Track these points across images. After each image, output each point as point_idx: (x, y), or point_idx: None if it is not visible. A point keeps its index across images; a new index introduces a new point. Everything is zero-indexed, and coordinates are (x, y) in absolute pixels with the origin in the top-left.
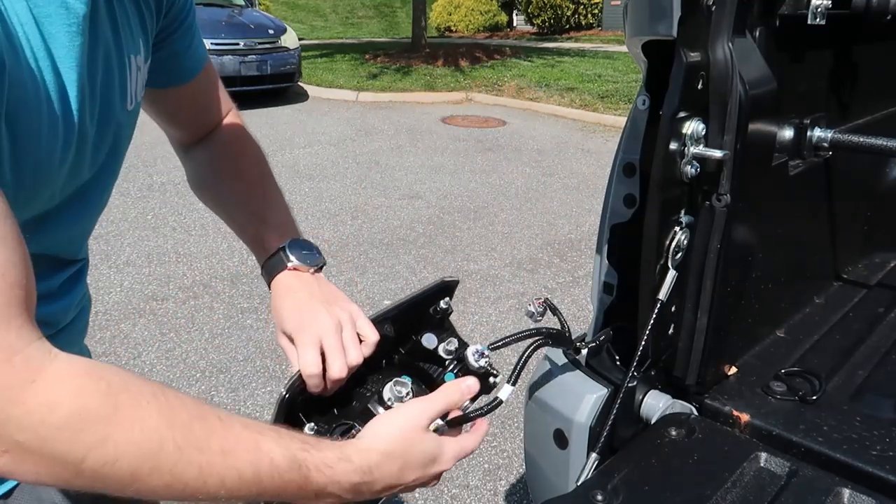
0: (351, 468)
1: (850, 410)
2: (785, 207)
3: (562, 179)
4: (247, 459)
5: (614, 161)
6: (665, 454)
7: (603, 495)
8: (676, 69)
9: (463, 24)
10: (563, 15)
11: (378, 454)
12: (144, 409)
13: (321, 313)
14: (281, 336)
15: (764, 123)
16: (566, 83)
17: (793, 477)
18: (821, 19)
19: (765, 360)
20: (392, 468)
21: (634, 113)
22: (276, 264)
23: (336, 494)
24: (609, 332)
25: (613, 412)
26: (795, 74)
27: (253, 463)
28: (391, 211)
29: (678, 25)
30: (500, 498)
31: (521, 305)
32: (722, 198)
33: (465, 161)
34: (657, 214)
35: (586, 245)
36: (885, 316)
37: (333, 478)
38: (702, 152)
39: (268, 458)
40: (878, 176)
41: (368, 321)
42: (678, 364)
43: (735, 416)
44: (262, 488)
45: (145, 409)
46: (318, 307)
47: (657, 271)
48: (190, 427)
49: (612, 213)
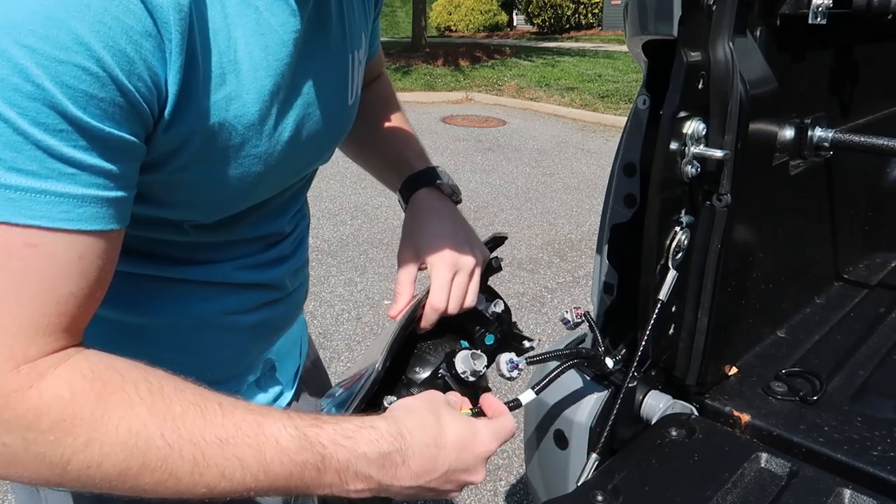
0: (376, 435)
1: (851, 411)
2: (785, 207)
3: (562, 179)
4: (248, 445)
5: (614, 161)
6: (665, 454)
7: (603, 496)
8: (677, 69)
9: (463, 24)
10: (564, 14)
11: (411, 416)
12: (136, 408)
13: (465, 249)
14: (409, 257)
15: (765, 123)
16: (566, 83)
17: (793, 477)
18: (822, 19)
19: (765, 361)
20: (427, 436)
21: (635, 112)
22: (423, 178)
23: (364, 473)
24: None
25: (614, 412)
26: (796, 74)
27: (256, 448)
28: (391, 211)
29: (679, 25)
30: (500, 498)
31: (521, 305)
32: (722, 198)
33: (465, 161)
34: (657, 214)
35: (586, 245)
36: (886, 316)
37: (355, 449)
38: (702, 152)
39: (273, 441)
40: (879, 176)
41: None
42: (678, 364)
43: (736, 416)
44: (274, 475)
45: (137, 406)
46: (463, 243)
47: (657, 271)
48: (183, 419)
49: (612, 212)
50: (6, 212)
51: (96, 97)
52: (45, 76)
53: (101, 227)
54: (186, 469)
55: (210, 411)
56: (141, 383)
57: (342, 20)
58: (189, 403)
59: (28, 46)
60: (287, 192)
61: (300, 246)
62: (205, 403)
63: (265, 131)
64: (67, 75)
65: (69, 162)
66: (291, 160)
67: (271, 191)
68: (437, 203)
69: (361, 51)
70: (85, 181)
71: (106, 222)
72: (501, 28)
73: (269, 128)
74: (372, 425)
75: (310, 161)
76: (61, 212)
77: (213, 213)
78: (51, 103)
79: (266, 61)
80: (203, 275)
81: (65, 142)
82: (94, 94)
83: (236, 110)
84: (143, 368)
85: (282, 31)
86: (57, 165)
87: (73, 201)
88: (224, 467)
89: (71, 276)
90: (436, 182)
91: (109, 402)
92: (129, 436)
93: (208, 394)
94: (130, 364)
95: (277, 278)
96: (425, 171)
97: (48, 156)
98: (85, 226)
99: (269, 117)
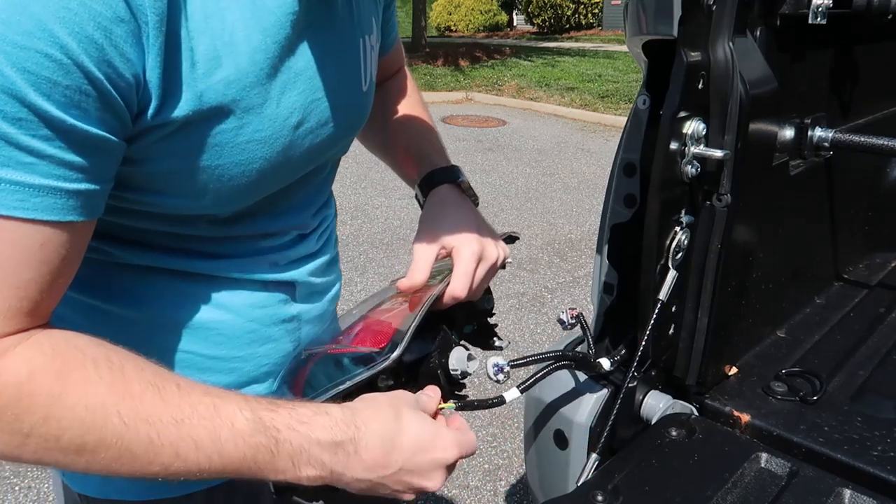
0: (330, 422)
1: (851, 411)
2: (785, 207)
3: (562, 179)
4: (203, 426)
5: (614, 161)
6: (665, 454)
7: (603, 496)
8: (677, 69)
9: (463, 24)
10: (564, 14)
11: (369, 409)
12: (94, 385)
13: (489, 242)
14: (430, 240)
15: (765, 123)
16: (566, 83)
17: (793, 477)
18: (822, 19)
19: (765, 361)
20: (383, 430)
21: (635, 112)
22: (446, 174)
23: (318, 459)
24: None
25: (614, 412)
26: (796, 74)
27: (210, 430)
28: (391, 211)
29: (679, 25)
30: (500, 498)
31: (521, 305)
32: (722, 198)
33: (466, 161)
34: (657, 214)
35: (586, 245)
36: (886, 316)
37: (309, 435)
38: (702, 152)
39: (228, 424)
40: (879, 176)
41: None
42: (678, 364)
43: (736, 416)
44: (227, 457)
45: (95, 384)
46: (487, 235)
47: (657, 271)
48: (141, 398)
49: (612, 213)
50: None
51: (60, 84)
52: (5, 62)
53: (60, 218)
54: (142, 447)
55: (168, 391)
56: (101, 361)
57: (349, 4)
58: (148, 383)
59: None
60: (307, 184)
61: (328, 241)
62: (163, 384)
63: (267, 115)
64: (29, 62)
65: (27, 150)
66: (301, 147)
67: (285, 179)
68: (460, 199)
69: (373, 36)
70: (44, 171)
71: (66, 213)
72: (501, 28)
73: (272, 111)
74: (327, 412)
75: (323, 149)
76: (16, 200)
77: (225, 205)
78: (10, 90)
79: (264, 43)
80: (227, 270)
81: (23, 130)
82: (58, 81)
83: (235, 94)
84: (107, 346)
85: (279, 12)
86: (14, 153)
87: (30, 190)
88: (179, 447)
89: (31, 263)
90: (457, 180)
91: (69, 380)
92: (87, 412)
93: (167, 374)
94: (93, 342)
95: (306, 274)
96: (448, 168)
97: (5, 143)
98: (42, 216)
99: (271, 100)
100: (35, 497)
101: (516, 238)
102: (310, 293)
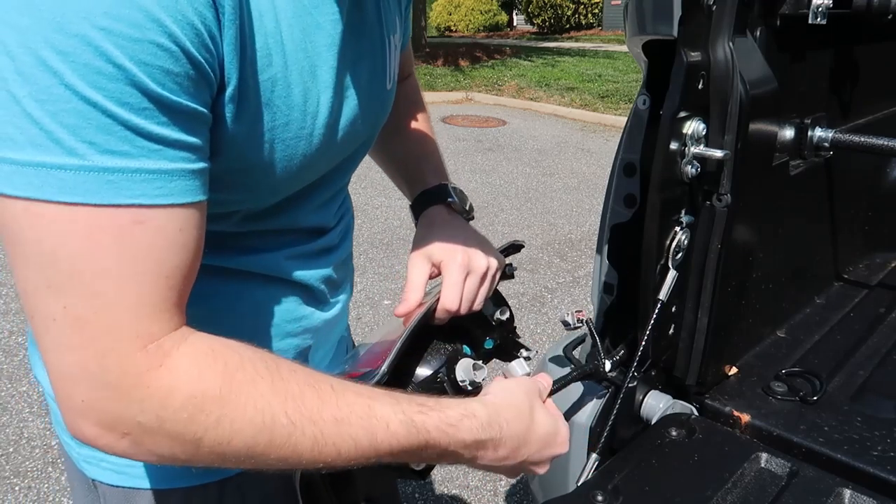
0: (476, 424)
1: (851, 411)
2: (785, 207)
3: (562, 179)
4: (361, 426)
5: (614, 161)
6: (665, 455)
7: (603, 496)
8: (677, 69)
9: (463, 24)
10: (564, 14)
11: (509, 405)
12: (258, 386)
13: (477, 253)
14: (421, 260)
15: (765, 123)
16: (566, 83)
17: (793, 477)
18: (822, 19)
19: (765, 361)
20: (520, 429)
21: (635, 112)
22: (435, 196)
23: (458, 456)
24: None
25: (614, 412)
26: (796, 74)
27: (368, 430)
28: (391, 211)
29: (679, 25)
30: (500, 498)
31: (521, 305)
32: (722, 198)
33: (466, 161)
34: (657, 214)
35: (586, 245)
36: (886, 316)
37: (456, 436)
38: (702, 152)
39: (384, 425)
40: (879, 176)
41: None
42: (678, 364)
43: (736, 416)
44: (381, 454)
45: (259, 385)
46: (474, 247)
47: (657, 271)
48: (302, 398)
49: (612, 213)
50: (110, 195)
51: (172, 72)
52: (123, 56)
53: (192, 199)
54: (307, 446)
55: (324, 392)
56: (259, 363)
57: (377, 4)
58: (304, 384)
59: (105, 28)
60: (330, 184)
61: (345, 238)
62: (318, 384)
63: (308, 112)
64: (144, 53)
65: (155, 139)
66: (333, 142)
67: (316, 173)
68: (449, 218)
69: (397, 36)
70: (172, 156)
71: (195, 194)
72: (501, 28)
73: (312, 108)
74: (474, 414)
75: (349, 144)
76: (156, 188)
77: (265, 197)
78: (132, 82)
79: (304, 43)
80: (252, 265)
81: (149, 119)
82: (170, 69)
83: (281, 91)
84: (255, 349)
85: (316, 13)
86: (145, 143)
87: (165, 177)
88: (340, 446)
89: (175, 249)
90: (447, 200)
91: (234, 381)
92: (256, 413)
93: (319, 375)
94: (243, 345)
95: (325, 269)
96: (437, 188)
97: (136, 135)
98: (179, 199)
99: (311, 98)
100: (35, 497)
101: (521, 247)
102: (329, 287)
